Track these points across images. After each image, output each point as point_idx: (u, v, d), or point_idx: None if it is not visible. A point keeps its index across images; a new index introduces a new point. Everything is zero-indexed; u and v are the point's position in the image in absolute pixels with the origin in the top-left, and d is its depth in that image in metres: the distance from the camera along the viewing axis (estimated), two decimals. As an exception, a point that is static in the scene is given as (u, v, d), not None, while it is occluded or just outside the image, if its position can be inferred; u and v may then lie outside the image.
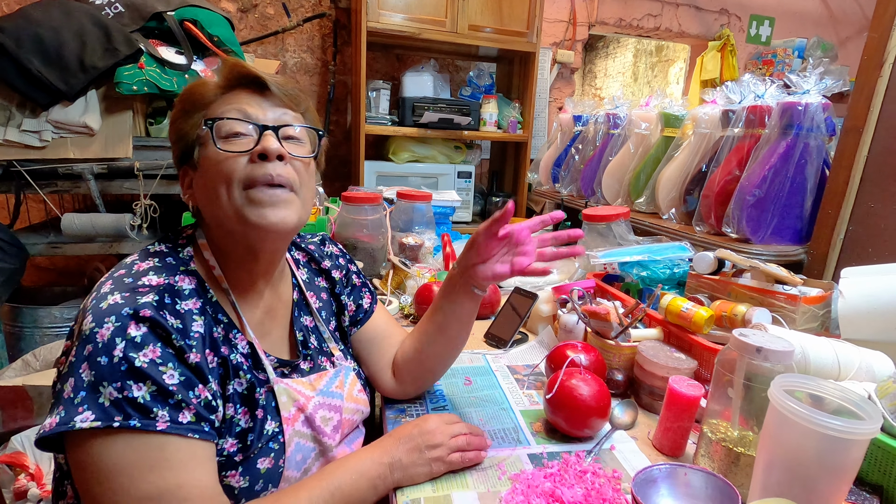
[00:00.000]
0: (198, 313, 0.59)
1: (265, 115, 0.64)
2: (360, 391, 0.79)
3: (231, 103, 0.64)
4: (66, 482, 0.63)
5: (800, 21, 3.49)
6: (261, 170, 0.61)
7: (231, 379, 0.62)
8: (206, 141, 0.63)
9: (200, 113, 0.64)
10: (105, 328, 0.52)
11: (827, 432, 0.51)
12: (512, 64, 2.84)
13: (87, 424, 0.49)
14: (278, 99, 0.66)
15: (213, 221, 0.65)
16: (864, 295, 0.86)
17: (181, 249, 0.66)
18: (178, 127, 0.65)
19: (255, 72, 0.64)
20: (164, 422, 0.52)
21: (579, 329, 1.02)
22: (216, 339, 0.61)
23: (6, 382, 1.30)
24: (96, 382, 0.51)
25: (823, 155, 1.25)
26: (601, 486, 0.66)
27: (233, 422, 0.61)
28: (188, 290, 0.60)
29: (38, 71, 1.48)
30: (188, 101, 0.65)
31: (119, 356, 0.51)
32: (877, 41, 1.09)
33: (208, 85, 0.65)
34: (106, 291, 0.56)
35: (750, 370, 0.63)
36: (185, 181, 0.67)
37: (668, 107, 1.69)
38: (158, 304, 0.55)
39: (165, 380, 0.53)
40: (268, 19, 2.61)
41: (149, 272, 0.59)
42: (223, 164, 0.61)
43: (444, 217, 1.88)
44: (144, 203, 1.67)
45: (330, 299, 0.84)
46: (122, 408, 0.50)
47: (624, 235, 1.40)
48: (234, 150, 0.61)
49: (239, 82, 0.65)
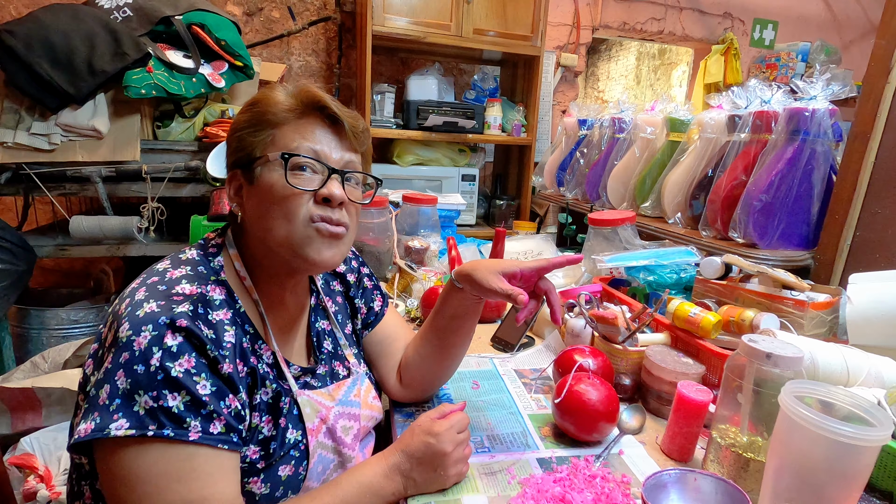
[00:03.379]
0: (229, 323, 0.60)
1: (333, 154, 0.66)
2: (375, 398, 0.80)
3: (303, 134, 0.64)
4: (83, 483, 0.63)
5: (803, 25, 3.49)
6: (321, 212, 0.64)
7: (258, 389, 0.63)
8: (272, 166, 0.63)
9: (269, 132, 0.64)
10: (143, 336, 0.52)
11: (837, 438, 0.51)
12: (516, 67, 2.84)
13: (122, 432, 0.50)
14: (348, 140, 0.67)
15: (258, 238, 0.66)
16: (873, 301, 0.86)
17: (212, 258, 0.66)
18: (243, 138, 0.65)
19: (331, 107, 0.65)
20: (196, 432, 0.53)
21: (586, 333, 1.02)
22: (245, 350, 0.62)
23: (15, 384, 1.30)
24: (132, 391, 0.51)
25: (830, 160, 1.25)
26: (611, 490, 0.66)
27: (257, 430, 0.61)
28: (219, 300, 0.61)
29: (47, 74, 1.49)
30: (259, 115, 0.65)
31: (156, 365, 0.52)
32: (884, 47, 1.09)
33: (279, 103, 0.65)
34: (141, 298, 0.56)
35: (759, 376, 0.63)
36: (234, 186, 0.68)
37: (674, 111, 1.70)
38: (193, 314, 0.56)
39: (199, 390, 0.54)
40: (273, 23, 2.62)
41: (181, 280, 0.60)
42: (288, 199, 0.62)
43: (449, 220, 1.88)
44: (152, 206, 1.68)
45: (345, 302, 0.85)
46: (156, 417, 0.51)
47: (630, 240, 1.40)
48: (301, 188, 0.63)
49: (314, 111, 0.66)
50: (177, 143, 1.75)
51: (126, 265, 2.30)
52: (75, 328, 1.75)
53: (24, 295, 1.69)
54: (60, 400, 1.32)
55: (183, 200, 1.89)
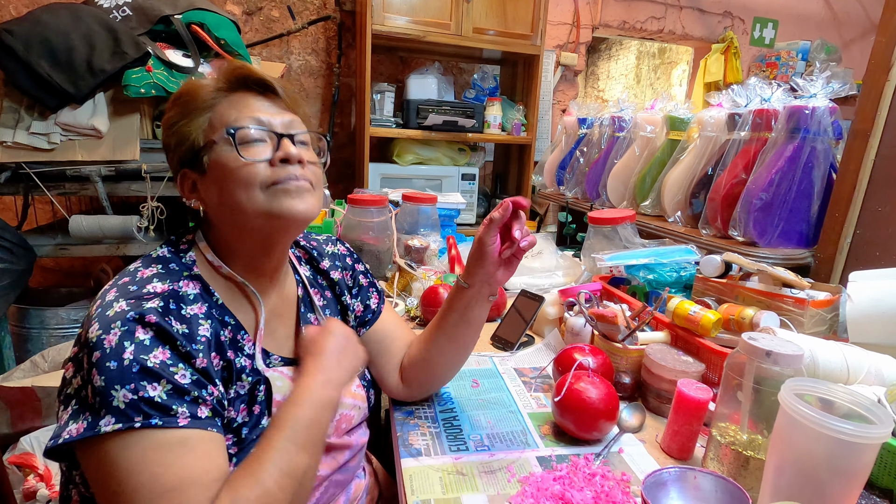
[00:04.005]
0: (203, 317, 0.60)
1: (275, 119, 0.65)
2: (358, 386, 0.79)
3: (239, 107, 0.64)
4: (71, 487, 0.63)
5: (803, 23, 3.49)
6: (284, 171, 0.63)
7: (233, 383, 0.62)
8: (220, 147, 0.62)
9: (204, 115, 0.64)
10: (112, 334, 0.52)
11: (838, 436, 0.51)
12: (516, 66, 2.84)
13: (110, 428, 0.50)
14: (282, 102, 0.67)
15: (224, 222, 0.66)
16: (873, 298, 0.86)
17: (183, 254, 0.66)
18: (179, 130, 0.64)
19: (259, 74, 0.65)
20: (184, 418, 0.53)
21: (586, 332, 1.02)
22: (223, 343, 0.62)
23: (15, 383, 1.30)
24: (108, 387, 0.51)
25: (830, 158, 1.25)
26: (610, 488, 0.66)
27: (232, 419, 0.61)
28: (193, 294, 0.61)
29: (46, 74, 1.49)
30: (188, 104, 0.64)
31: (129, 358, 0.52)
32: (884, 45, 1.09)
33: (205, 87, 0.64)
34: (111, 299, 0.56)
35: (759, 374, 0.63)
36: (187, 185, 0.66)
37: (674, 110, 1.69)
38: (163, 310, 0.56)
39: (178, 379, 0.53)
40: (273, 22, 2.62)
41: (153, 279, 0.60)
42: (243, 170, 0.61)
43: (448, 219, 1.88)
44: (151, 205, 1.68)
45: (333, 298, 0.84)
46: (139, 408, 0.51)
47: (630, 238, 1.40)
48: (256, 158, 0.62)
49: (242, 84, 0.65)
50: (176, 143, 1.75)
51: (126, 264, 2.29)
52: (75, 327, 1.75)
53: (23, 294, 1.69)
54: (60, 399, 1.32)
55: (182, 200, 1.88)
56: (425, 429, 0.81)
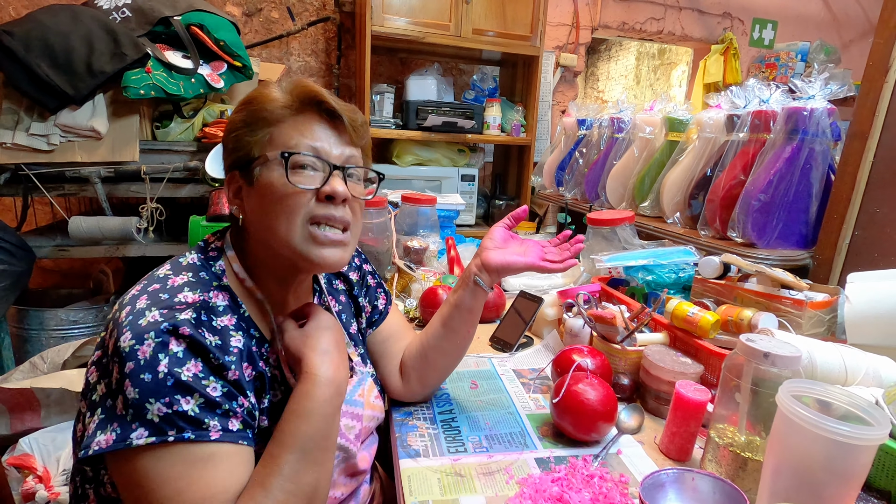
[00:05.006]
0: (234, 329, 0.60)
1: (334, 150, 0.65)
2: (377, 397, 0.80)
3: (303, 130, 0.63)
4: (87, 486, 0.63)
5: (803, 24, 3.49)
6: (324, 210, 0.63)
7: (267, 392, 0.63)
8: (272, 166, 0.62)
9: (266, 130, 0.63)
10: (146, 345, 0.52)
11: (835, 438, 0.51)
12: (515, 67, 2.84)
13: (143, 441, 0.50)
14: (347, 134, 0.66)
15: (260, 239, 0.65)
16: (871, 300, 0.86)
17: (213, 263, 0.65)
18: (239, 138, 0.64)
19: (330, 101, 0.63)
20: (216, 431, 0.53)
21: (585, 333, 1.02)
22: (254, 354, 0.62)
23: (14, 385, 1.30)
24: (142, 399, 0.51)
25: (829, 160, 1.25)
26: (608, 490, 0.66)
27: (268, 431, 0.61)
28: (222, 306, 0.61)
29: (46, 75, 1.49)
30: (254, 114, 0.63)
31: (164, 371, 0.52)
32: (882, 46, 1.09)
33: (275, 100, 0.63)
34: (143, 307, 0.55)
35: (757, 375, 0.63)
36: (233, 188, 0.66)
37: (673, 111, 1.70)
38: (196, 322, 0.56)
39: (210, 392, 0.54)
40: (272, 23, 2.62)
41: (184, 288, 0.59)
42: (290, 198, 0.61)
43: (448, 220, 1.88)
44: (151, 206, 1.68)
45: (349, 301, 0.84)
46: (173, 422, 0.51)
47: (629, 239, 1.40)
48: (303, 186, 0.62)
49: (311, 106, 0.64)
50: (176, 144, 1.75)
51: (125, 266, 2.30)
52: (74, 329, 1.74)
53: (23, 295, 1.69)
54: (59, 400, 1.32)
55: (182, 201, 1.89)
56: (424, 430, 0.81)
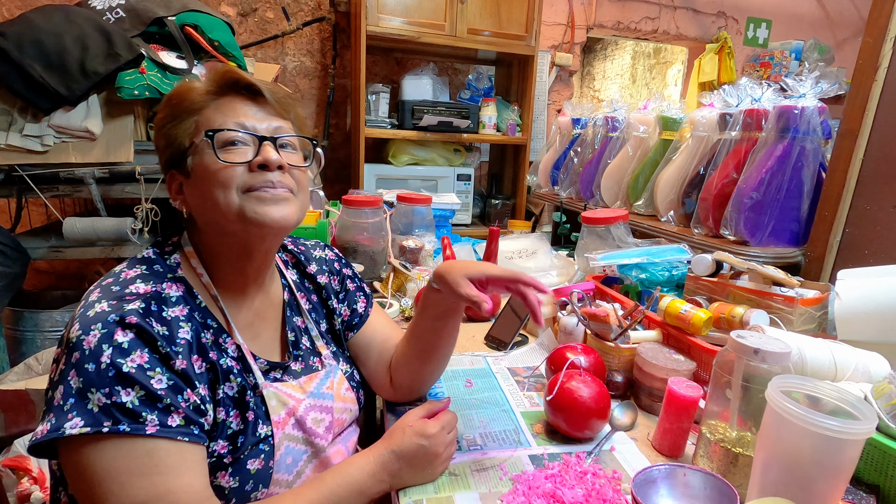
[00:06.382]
0: (184, 320, 0.60)
1: (260, 124, 0.65)
2: (348, 389, 0.79)
3: (225, 111, 0.64)
4: (59, 489, 0.63)
5: (797, 23, 3.51)
6: (261, 178, 0.63)
7: (221, 383, 0.63)
8: (202, 150, 0.63)
9: (191, 119, 0.64)
10: (92, 335, 0.53)
11: (823, 432, 0.52)
12: (511, 67, 2.85)
13: (77, 431, 0.50)
14: (271, 107, 0.67)
15: (207, 225, 0.66)
16: (861, 297, 0.86)
17: (168, 256, 0.66)
18: (168, 133, 0.65)
19: (248, 79, 0.65)
20: (153, 426, 0.53)
21: (579, 331, 1.03)
22: (204, 345, 0.62)
23: (8, 386, 1.30)
24: (84, 389, 0.51)
25: (820, 158, 1.26)
26: (601, 486, 0.66)
27: (225, 424, 0.61)
28: (175, 297, 0.61)
29: (39, 76, 1.48)
30: (177, 106, 0.65)
31: (106, 362, 0.52)
32: (871, 45, 1.10)
33: (196, 89, 0.65)
34: (94, 300, 0.56)
35: (748, 371, 0.64)
36: (174, 186, 0.67)
37: (666, 110, 1.70)
38: (144, 311, 0.56)
39: (153, 384, 0.54)
40: (267, 23, 2.62)
41: (136, 280, 0.60)
42: (221, 173, 0.62)
43: (443, 220, 1.89)
44: (145, 207, 1.67)
45: (319, 302, 0.84)
46: (110, 413, 0.51)
47: (623, 238, 1.41)
48: (235, 161, 0.62)
49: (231, 88, 0.65)
50: (170, 144, 1.75)
51: (121, 267, 2.29)
52: (70, 330, 1.74)
53: (17, 297, 1.69)
54: (55, 402, 1.32)
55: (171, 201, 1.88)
56: (419, 428, 0.81)
